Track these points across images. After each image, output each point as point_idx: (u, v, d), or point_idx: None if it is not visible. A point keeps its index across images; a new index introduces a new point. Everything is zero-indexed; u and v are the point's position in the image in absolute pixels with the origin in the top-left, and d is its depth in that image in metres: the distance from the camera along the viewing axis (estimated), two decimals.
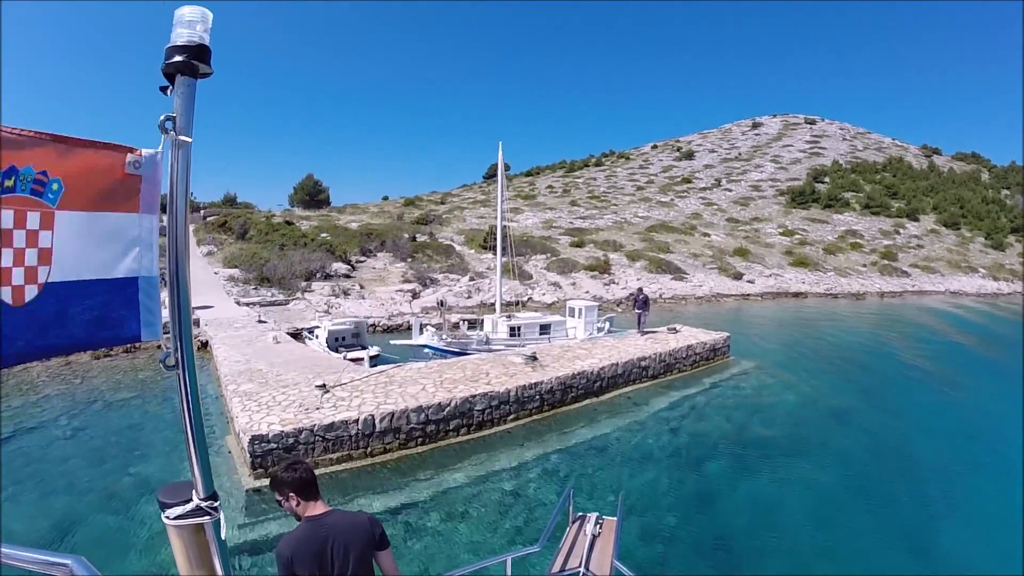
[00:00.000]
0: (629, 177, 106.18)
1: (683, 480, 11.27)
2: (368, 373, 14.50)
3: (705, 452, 12.63)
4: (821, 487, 11.24)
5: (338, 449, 11.73)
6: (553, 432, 13.15)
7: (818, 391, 17.76)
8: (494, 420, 12.86)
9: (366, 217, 63.24)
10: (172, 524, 1.82)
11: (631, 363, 16.62)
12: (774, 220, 73.03)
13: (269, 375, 15.24)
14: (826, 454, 12.82)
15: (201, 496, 1.82)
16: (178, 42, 1.61)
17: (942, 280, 57.31)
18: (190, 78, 1.64)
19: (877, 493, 11.12)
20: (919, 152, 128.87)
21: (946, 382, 20.06)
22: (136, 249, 1.70)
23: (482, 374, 14.10)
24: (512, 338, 19.46)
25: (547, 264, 44.51)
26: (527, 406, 13.55)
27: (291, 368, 15.79)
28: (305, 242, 41.82)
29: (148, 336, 1.80)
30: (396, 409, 11.71)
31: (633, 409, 15.09)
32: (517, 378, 13.83)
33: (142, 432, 13.55)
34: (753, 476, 11.66)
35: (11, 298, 1.49)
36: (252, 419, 11.93)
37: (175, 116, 1.64)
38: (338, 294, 32.09)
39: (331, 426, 11.55)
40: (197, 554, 1.84)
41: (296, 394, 13.17)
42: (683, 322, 28.76)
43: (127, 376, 18.10)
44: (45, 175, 1.51)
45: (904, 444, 13.75)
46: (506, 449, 12.18)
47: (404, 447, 11.92)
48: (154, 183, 1.69)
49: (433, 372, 14.27)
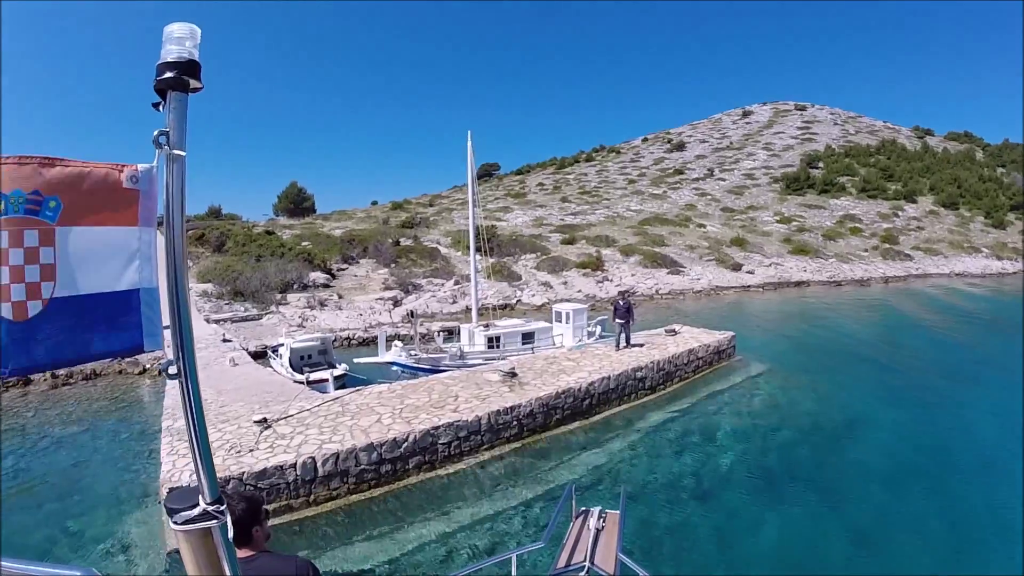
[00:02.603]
0: (620, 171, 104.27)
1: (691, 519, 9.35)
2: (321, 401, 12.56)
3: (715, 483, 10.68)
4: (861, 521, 9.35)
5: (275, 499, 9.82)
6: (534, 464, 11.15)
7: (841, 397, 15.77)
8: (463, 453, 10.87)
9: (351, 223, 61.18)
10: (180, 530, 1.75)
11: (625, 375, 14.56)
12: (770, 208, 71.18)
13: (213, 406, 13.35)
14: (863, 480, 10.90)
15: (208, 501, 1.75)
16: (168, 59, 1.61)
17: (946, 262, 55.65)
18: (181, 93, 1.64)
19: (929, 526, 9.25)
20: (911, 134, 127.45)
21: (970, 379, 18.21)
22: (136, 262, 1.72)
23: (450, 397, 12.11)
24: (491, 350, 17.42)
25: (537, 263, 42.56)
26: (502, 434, 11.54)
27: (240, 396, 13.89)
28: (282, 252, 39.83)
29: (151, 346, 1.76)
30: (342, 449, 9.77)
31: (629, 431, 13.05)
32: (490, 401, 11.84)
33: (87, 469, 12.21)
34: (778, 510, 9.74)
35: (12, 314, 1.51)
36: (175, 466, 10.11)
37: (168, 131, 1.63)
38: (314, 306, 30.11)
39: (263, 473, 9.65)
40: (206, 558, 1.77)
41: (233, 431, 11.27)
42: (682, 320, 26.82)
43: (81, 407, 16.74)
44: (38, 194, 1.53)
45: (953, 463, 11.85)
46: (476, 489, 10.21)
47: (355, 491, 9.98)
48: (151, 197, 1.72)
49: (394, 397, 12.28)
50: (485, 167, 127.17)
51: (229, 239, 45.85)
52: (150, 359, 22.07)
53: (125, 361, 22.59)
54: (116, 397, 18.21)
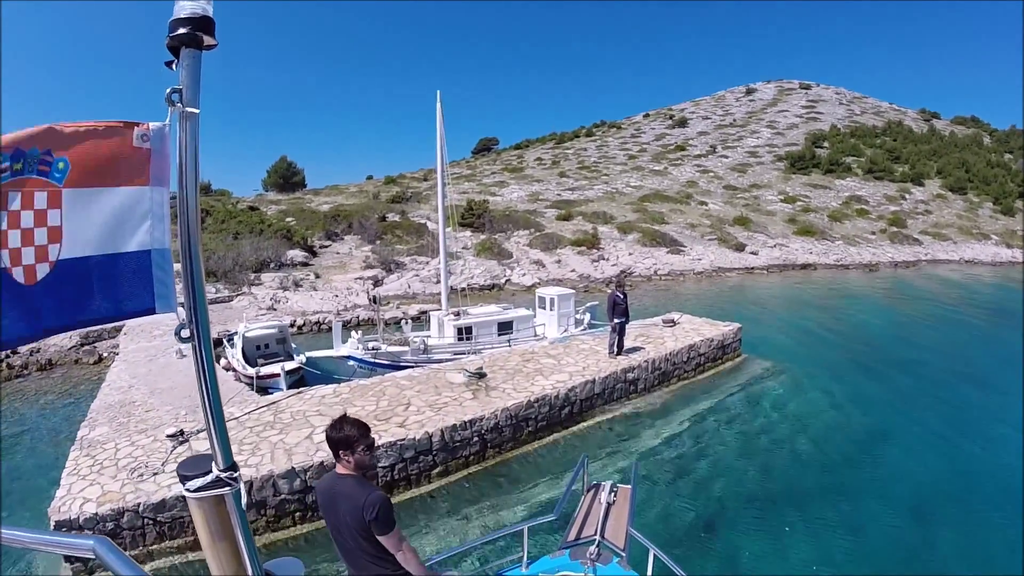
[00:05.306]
0: (621, 146, 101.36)
1: (689, 555, 7.57)
2: (256, 406, 10.71)
3: (719, 513, 8.87)
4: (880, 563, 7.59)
5: (179, 534, 8.06)
6: (497, 492, 9.26)
7: (858, 404, 13.81)
8: (409, 479, 8.99)
9: (341, 198, 59.00)
10: (192, 496, 1.77)
11: (613, 377, 12.57)
12: (774, 186, 68.75)
13: (138, 410, 11.56)
14: (882, 511, 9.12)
15: (220, 467, 1.76)
16: (181, 15, 1.56)
17: (955, 248, 53.57)
18: (195, 50, 1.59)
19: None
20: (917, 116, 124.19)
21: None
22: (147, 222, 1.67)
23: (401, 405, 10.16)
24: (461, 342, 15.33)
25: (530, 240, 40.48)
26: (460, 453, 9.60)
27: (172, 398, 12.07)
28: (261, 229, 37.73)
29: (163, 308, 1.73)
30: (256, 476, 7.93)
31: (616, 445, 11.07)
32: (447, 411, 9.89)
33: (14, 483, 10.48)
34: (799, 546, 8.00)
35: (23, 277, 1.49)
36: (70, 491, 8.38)
37: (181, 88, 1.58)
38: (288, 286, 28.17)
39: (162, 504, 7.85)
40: (218, 525, 1.79)
41: (146, 446, 9.49)
42: (681, 304, 24.91)
43: (27, 402, 15.22)
44: (50, 154, 1.49)
45: (980, 487, 10.06)
46: (424, 524, 8.41)
47: (275, 527, 8.20)
48: (163, 156, 1.67)
49: (337, 403, 10.34)
50: (484, 141, 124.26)
51: (210, 216, 43.71)
52: (108, 348, 20.47)
53: (82, 349, 20.95)
54: (66, 391, 16.45)
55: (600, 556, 4.73)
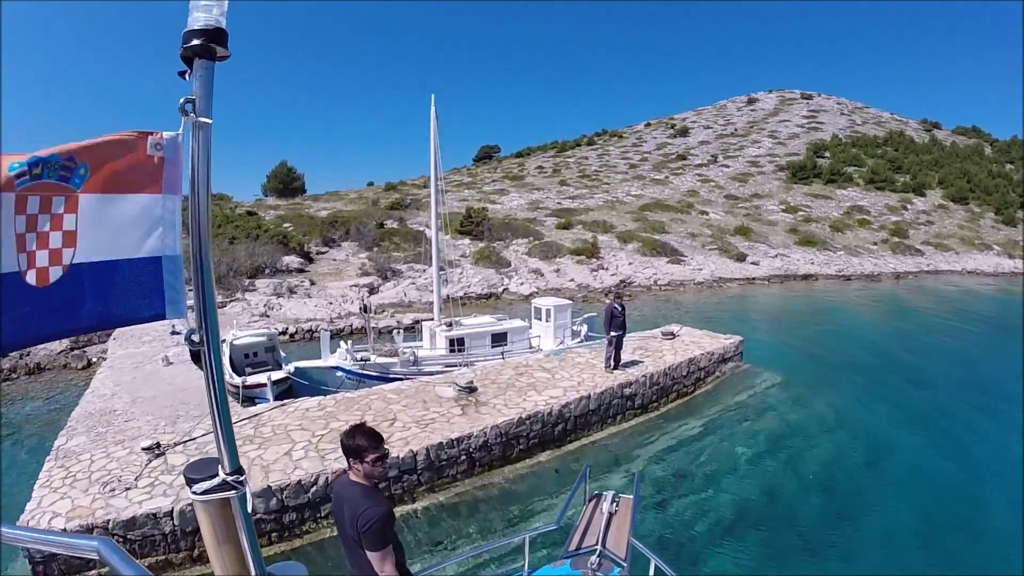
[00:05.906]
0: (622, 155, 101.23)
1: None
2: (237, 418, 10.35)
3: (719, 542, 8.49)
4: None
5: (150, 552, 7.69)
6: (485, 513, 8.86)
7: (863, 423, 13.37)
8: (392, 497, 8.61)
9: (340, 204, 58.78)
10: (199, 499, 1.79)
11: (610, 392, 12.10)
12: (775, 196, 68.51)
13: (119, 419, 11.19)
14: (887, 536, 8.73)
15: (227, 471, 1.78)
16: (195, 26, 1.58)
17: (957, 258, 53.26)
18: (208, 61, 1.62)
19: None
20: (919, 126, 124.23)
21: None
22: (160, 229, 1.69)
23: (387, 420, 9.74)
24: (453, 354, 14.88)
25: (529, 249, 40.16)
26: (447, 471, 9.20)
27: (152, 408, 11.71)
28: (258, 234, 37.44)
29: (173, 314, 1.76)
30: None
31: (611, 467, 10.57)
32: (434, 428, 9.49)
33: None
34: (800, 567, 7.64)
35: (35, 279, 1.51)
36: (41, 504, 8.04)
37: (194, 99, 1.61)
38: (282, 293, 27.84)
39: (132, 522, 7.48)
40: (224, 528, 1.80)
41: (121, 458, 9.12)
42: (682, 315, 24.57)
43: (13, 408, 14.96)
44: (72, 160, 1.52)
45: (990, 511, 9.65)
46: (409, 540, 8.03)
47: None
48: (176, 164, 1.70)
49: (320, 417, 9.95)
50: (485, 149, 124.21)
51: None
52: (97, 353, 20.17)
53: (71, 354, 20.64)
54: (52, 396, 16.11)
55: (601, 566, 4.71)
